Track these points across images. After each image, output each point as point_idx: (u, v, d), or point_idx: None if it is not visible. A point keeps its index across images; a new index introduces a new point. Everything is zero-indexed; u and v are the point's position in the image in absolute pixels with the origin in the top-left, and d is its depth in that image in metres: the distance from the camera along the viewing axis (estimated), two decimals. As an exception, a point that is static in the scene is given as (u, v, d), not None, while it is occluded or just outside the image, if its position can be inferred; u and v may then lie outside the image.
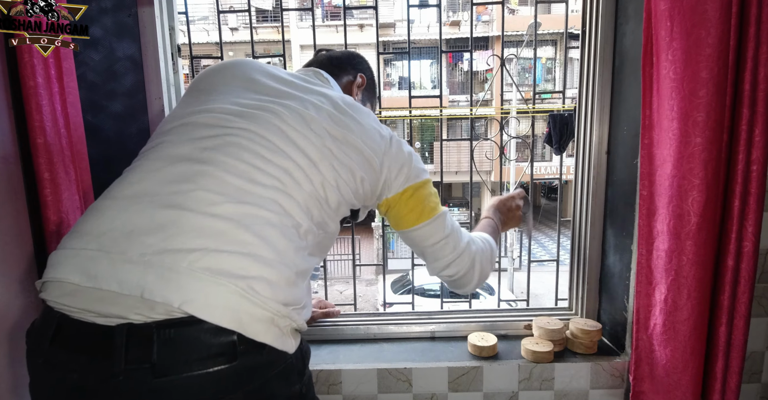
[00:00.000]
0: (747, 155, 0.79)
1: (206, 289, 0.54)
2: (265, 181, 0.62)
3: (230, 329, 0.53)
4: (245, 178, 0.61)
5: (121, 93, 1.01)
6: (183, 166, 0.61)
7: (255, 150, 0.63)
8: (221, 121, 0.66)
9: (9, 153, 0.87)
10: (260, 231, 0.59)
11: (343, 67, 0.89)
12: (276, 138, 0.65)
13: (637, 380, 0.95)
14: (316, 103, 0.71)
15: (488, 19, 11.78)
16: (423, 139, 12.10)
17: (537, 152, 10.38)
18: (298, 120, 0.67)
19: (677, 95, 0.79)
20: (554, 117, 2.33)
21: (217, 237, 0.56)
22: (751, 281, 0.83)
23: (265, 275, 0.57)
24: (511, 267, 8.04)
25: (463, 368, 1.05)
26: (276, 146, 0.64)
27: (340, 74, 0.88)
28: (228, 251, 0.56)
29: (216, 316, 0.53)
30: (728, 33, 0.75)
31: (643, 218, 0.90)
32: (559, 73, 11.69)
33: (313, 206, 0.66)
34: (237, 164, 0.61)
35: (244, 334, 0.54)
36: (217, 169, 0.60)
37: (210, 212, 0.58)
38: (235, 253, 0.56)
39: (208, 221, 0.57)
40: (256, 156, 0.63)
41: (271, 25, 11.29)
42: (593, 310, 1.19)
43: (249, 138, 0.64)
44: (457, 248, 0.79)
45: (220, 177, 0.60)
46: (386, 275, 1.61)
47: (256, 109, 0.68)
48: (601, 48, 1.07)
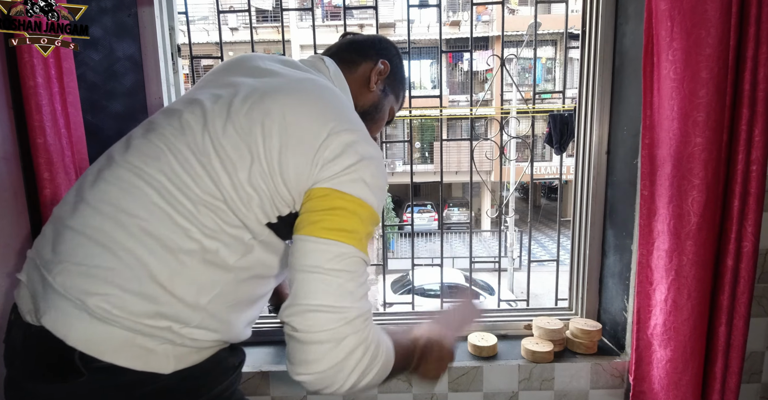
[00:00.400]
0: (747, 155, 0.79)
1: (57, 303, 0.55)
2: (142, 189, 0.57)
3: (70, 345, 0.53)
4: (121, 188, 0.58)
5: (121, 93, 1.01)
6: (97, 170, 0.62)
7: (143, 157, 0.59)
8: (150, 125, 0.64)
9: (9, 153, 0.87)
10: (115, 243, 0.55)
11: (364, 51, 0.78)
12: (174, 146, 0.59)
13: (637, 380, 0.95)
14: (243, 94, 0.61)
15: (488, 19, 11.78)
16: (423, 139, 12.09)
17: (537, 152, 10.38)
18: (200, 121, 0.60)
19: (677, 95, 0.79)
20: (554, 117, 2.33)
21: (72, 252, 0.56)
22: (750, 281, 0.83)
23: (115, 291, 0.54)
24: (511, 267, 8.03)
25: (463, 368, 1.05)
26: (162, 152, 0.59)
27: (357, 59, 0.77)
28: (85, 265, 0.55)
29: (61, 331, 0.54)
30: (728, 33, 0.76)
31: (644, 217, 0.90)
32: (559, 73, 11.68)
33: (206, 209, 0.57)
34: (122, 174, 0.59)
35: (86, 352, 0.54)
36: (109, 182, 0.59)
37: (71, 225, 0.58)
38: (83, 267, 0.55)
39: (70, 235, 0.57)
40: (142, 162, 0.59)
41: (271, 25, 11.28)
42: (593, 310, 1.19)
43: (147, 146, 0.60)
44: (346, 306, 0.53)
45: (102, 188, 0.59)
46: (386, 275, 1.60)
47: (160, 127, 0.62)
48: (601, 48, 1.07)
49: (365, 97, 0.77)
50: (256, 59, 0.71)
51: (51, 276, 0.55)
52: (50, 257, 0.57)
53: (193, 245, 0.56)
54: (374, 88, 0.76)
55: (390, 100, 0.81)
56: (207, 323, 0.58)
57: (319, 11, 11.26)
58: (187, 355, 0.58)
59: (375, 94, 0.77)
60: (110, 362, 0.53)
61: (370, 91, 0.77)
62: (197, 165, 0.57)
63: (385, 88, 0.79)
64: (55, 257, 0.56)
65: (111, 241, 0.55)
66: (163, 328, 0.55)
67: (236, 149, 0.57)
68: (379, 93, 0.78)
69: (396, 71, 0.81)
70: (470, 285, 1.42)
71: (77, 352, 0.53)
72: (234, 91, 0.62)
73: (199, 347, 0.59)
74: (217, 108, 0.60)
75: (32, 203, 0.90)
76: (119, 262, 0.54)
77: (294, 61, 0.73)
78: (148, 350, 0.55)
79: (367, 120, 0.76)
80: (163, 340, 0.56)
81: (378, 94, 0.78)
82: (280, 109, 0.58)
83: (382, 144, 0.90)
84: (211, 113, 0.60)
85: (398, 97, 0.84)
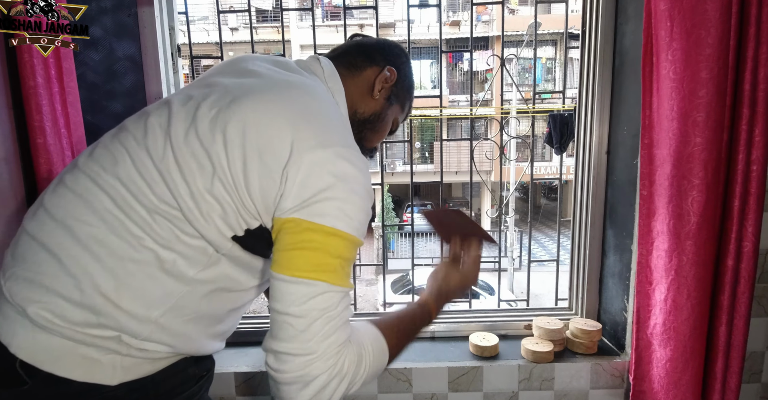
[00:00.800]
0: (747, 155, 0.79)
1: (4, 309, 0.54)
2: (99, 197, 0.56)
3: (12, 353, 0.52)
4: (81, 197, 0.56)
5: (121, 93, 1.01)
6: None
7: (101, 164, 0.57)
8: (120, 128, 0.62)
9: (9, 153, 0.87)
10: (62, 249, 0.53)
11: (371, 56, 0.73)
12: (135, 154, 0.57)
13: (637, 380, 0.95)
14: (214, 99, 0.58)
15: (488, 19, 11.78)
16: (423, 139, 12.10)
17: (537, 152, 10.38)
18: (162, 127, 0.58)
19: (677, 95, 0.79)
20: (554, 117, 2.33)
21: (23, 258, 0.55)
22: (751, 281, 0.83)
23: (56, 300, 0.52)
24: (511, 267, 8.03)
25: (463, 368, 1.05)
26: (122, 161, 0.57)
27: (362, 64, 0.72)
28: (32, 272, 0.54)
29: (5, 338, 0.53)
30: (728, 33, 0.75)
31: (643, 217, 0.90)
32: (559, 73, 11.68)
33: (161, 218, 0.54)
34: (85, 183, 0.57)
35: (26, 361, 0.52)
36: (71, 188, 0.57)
37: (28, 229, 0.56)
38: (29, 274, 0.54)
39: (25, 239, 0.56)
40: (100, 168, 0.57)
41: (271, 25, 11.28)
42: (593, 310, 1.19)
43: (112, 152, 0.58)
44: (312, 348, 0.52)
45: (60, 193, 0.57)
46: (386, 275, 1.60)
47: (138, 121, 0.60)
48: (601, 48, 1.07)
49: (367, 105, 0.71)
50: (247, 60, 0.68)
51: (2, 280, 0.55)
52: (8, 260, 0.57)
53: (146, 254, 0.53)
54: (378, 95, 0.71)
55: (394, 110, 0.76)
56: (158, 336, 0.55)
57: (319, 11, 11.27)
58: (137, 365, 0.56)
59: (378, 102, 0.72)
60: (49, 372, 0.52)
61: (373, 98, 0.71)
62: (154, 171, 0.54)
63: (390, 97, 0.73)
64: (11, 261, 0.56)
65: (59, 248, 0.53)
66: (108, 338, 0.53)
67: (195, 158, 0.53)
68: (383, 101, 0.72)
69: (404, 80, 0.75)
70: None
71: (18, 359, 0.52)
72: (207, 92, 0.59)
73: (152, 358, 0.56)
74: (183, 111, 0.57)
75: (32, 203, 0.90)
76: (62, 270, 0.52)
77: (287, 62, 0.69)
78: (91, 360, 0.53)
79: (367, 129, 0.72)
80: (108, 350, 0.53)
81: (381, 103, 0.72)
82: (244, 116, 0.54)
83: (382, 144, 0.90)
84: (176, 117, 0.56)
85: (404, 108, 0.78)
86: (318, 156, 0.53)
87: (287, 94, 0.58)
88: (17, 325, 0.53)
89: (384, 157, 1.09)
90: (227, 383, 1.06)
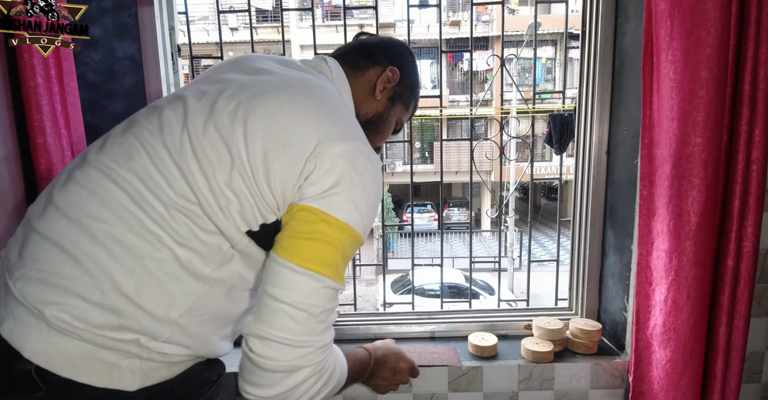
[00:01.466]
0: (747, 155, 0.79)
1: (15, 311, 0.51)
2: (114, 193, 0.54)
3: (26, 357, 0.50)
4: (95, 193, 0.54)
5: (121, 93, 1.01)
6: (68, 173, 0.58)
7: (116, 159, 0.56)
8: (130, 122, 0.61)
9: (9, 153, 0.87)
10: (78, 249, 0.51)
11: (373, 55, 0.72)
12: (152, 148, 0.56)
13: (637, 380, 0.95)
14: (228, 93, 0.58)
15: (488, 19, 11.78)
16: (423, 139, 12.10)
17: (537, 152, 10.38)
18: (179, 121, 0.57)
19: (677, 95, 0.79)
20: (554, 117, 2.33)
21: (34, 257, 0.52)
22: (751, 281, 0.83)
23: (75, 302, 0.50)
24: (511, 267, 8.03)
25: (463, 368, 1.05)
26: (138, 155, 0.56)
27: (365, 64, 0.71)
28: (46, 272, 0.51)
29: (17, 342, 0.50)
30: (728, 33, 0.75)
31: (643, 218, 0.89)
32: (559, 73, 11.68)
33: (180, 214, 0.53)
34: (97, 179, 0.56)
35: (42, 366, 0.50)
36: (83, 185, 0.55)
37: (37, 227, 0.54)
38: (43, 274, 0.51)
39: (34, 238, 0.53)
40: (114, 163, 0.56)
41: (271, 25, 11.29)
42: (593, 310, 1.19)
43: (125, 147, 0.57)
44: (307, 341, 0.52)
45: (71, 190, 0.55)
46: (386, 275, 1.60)
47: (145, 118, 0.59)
48: (601, 48, 1.07)
49: (369, 106, 0.71)
50: (254, 59, 0.68)
51: (12, 281, 0.52)
52: (15, 260, 0.54)
53: (165, 252, 0.52)
54: (379, 96, 0.70)
55: (397, 110, 0.75)
56: (178, 338, 0.54)
57: (319, 11, 11.27)
58: (155, 370, 0.54)
59: (380, 103, 0.72)
60: (67, 377, 0.50)
61: (374, 99, 0.71)
62: (172, 166, 0.53)
63: (393, 97, 0.73)
64: (19, 260, 0.53)
65: (74, 247, 0.51)
66: (129, 341, 0.51)
67: (216, 150, 0.53)
68: (385, 102, 0.72)
69: (408, 80, 0.74)
70: (470, 285, 1.42)
71: (33, 365, 0.50)
72: (222, 87, 0.58)
73: (170, 361, 0.55)
74: (200, 105, 0.56)
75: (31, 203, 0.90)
76: (81, 270, 0.50)
77: (294, 61, 0.69)
78: (110, 364, 0.51)
79: (369, 130, 0.71)
80: (128, 354, 0.52)
81: (383, 104, 0.72)
82: (268, 110, 0.54)
83: (383, 144, 0.90)
84: (193, 111, 0.56)
85: (408, 108, 0.77)
86: (341, 148, 0.53)
87: (306, 90, 0.59)
88: (30, 328, 0.50)
89: (384, 157, 1.10)
90: (227, 383, 1.06)
